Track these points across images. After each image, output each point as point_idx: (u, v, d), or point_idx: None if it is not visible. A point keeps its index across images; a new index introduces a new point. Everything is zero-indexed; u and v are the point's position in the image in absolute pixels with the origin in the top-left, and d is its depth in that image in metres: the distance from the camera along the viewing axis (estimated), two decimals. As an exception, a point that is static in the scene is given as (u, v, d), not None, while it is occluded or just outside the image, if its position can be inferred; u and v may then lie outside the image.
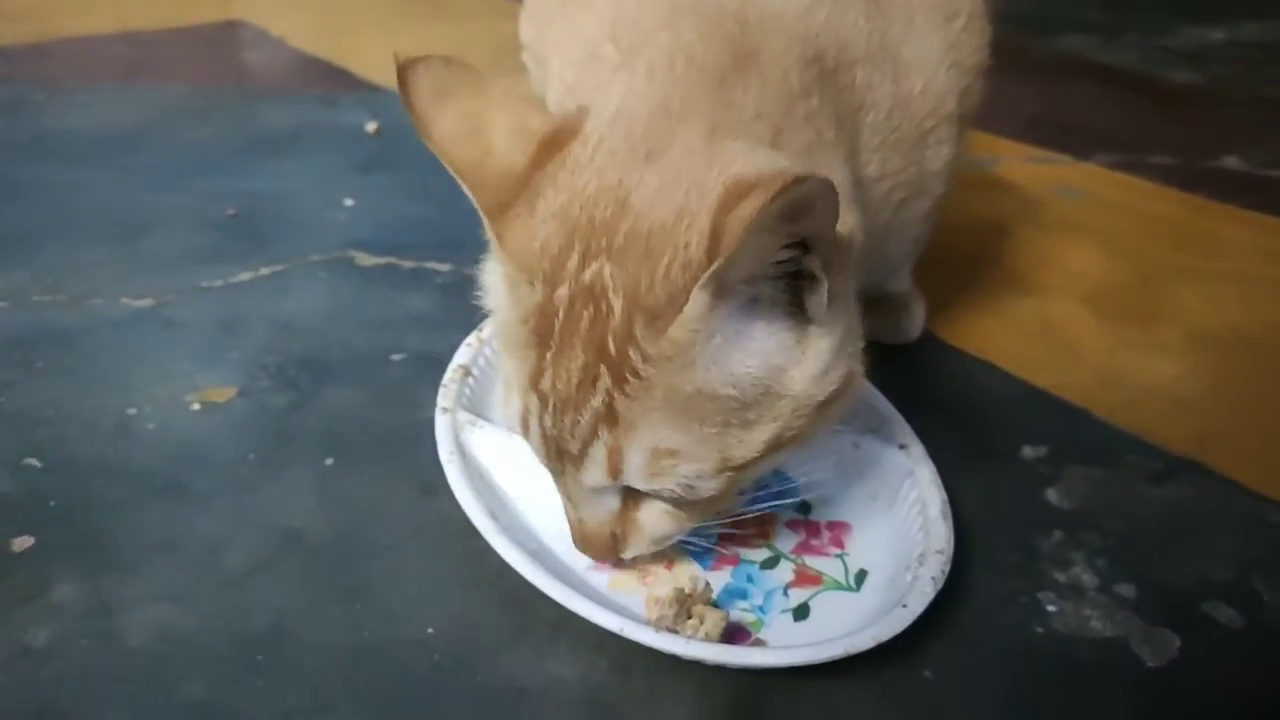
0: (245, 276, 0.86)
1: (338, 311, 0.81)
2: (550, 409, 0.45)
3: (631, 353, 0.42)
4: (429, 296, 0.84)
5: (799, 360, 0.45)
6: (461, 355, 0.68)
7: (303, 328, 0.79)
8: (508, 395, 0.49)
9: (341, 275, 0.87)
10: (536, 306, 0.44)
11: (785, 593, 0.54)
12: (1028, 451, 0.67)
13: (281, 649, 0.50)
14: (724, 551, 0.57)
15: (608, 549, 0.51)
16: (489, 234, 0.46)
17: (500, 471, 0.60)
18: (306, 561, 0.56)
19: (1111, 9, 2.18)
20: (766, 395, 0.44)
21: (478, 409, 0.65)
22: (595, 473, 0.46)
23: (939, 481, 0.58)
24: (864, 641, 0.47)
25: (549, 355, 0.44)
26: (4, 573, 0.54)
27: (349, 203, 1.02)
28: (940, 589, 0.51)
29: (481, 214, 0.45)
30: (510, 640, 0.51)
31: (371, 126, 1.23)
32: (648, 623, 0.50)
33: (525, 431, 0.47)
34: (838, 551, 0.57)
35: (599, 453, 0.45)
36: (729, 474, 0.45)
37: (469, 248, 0.93)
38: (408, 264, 0.89)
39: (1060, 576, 0.57)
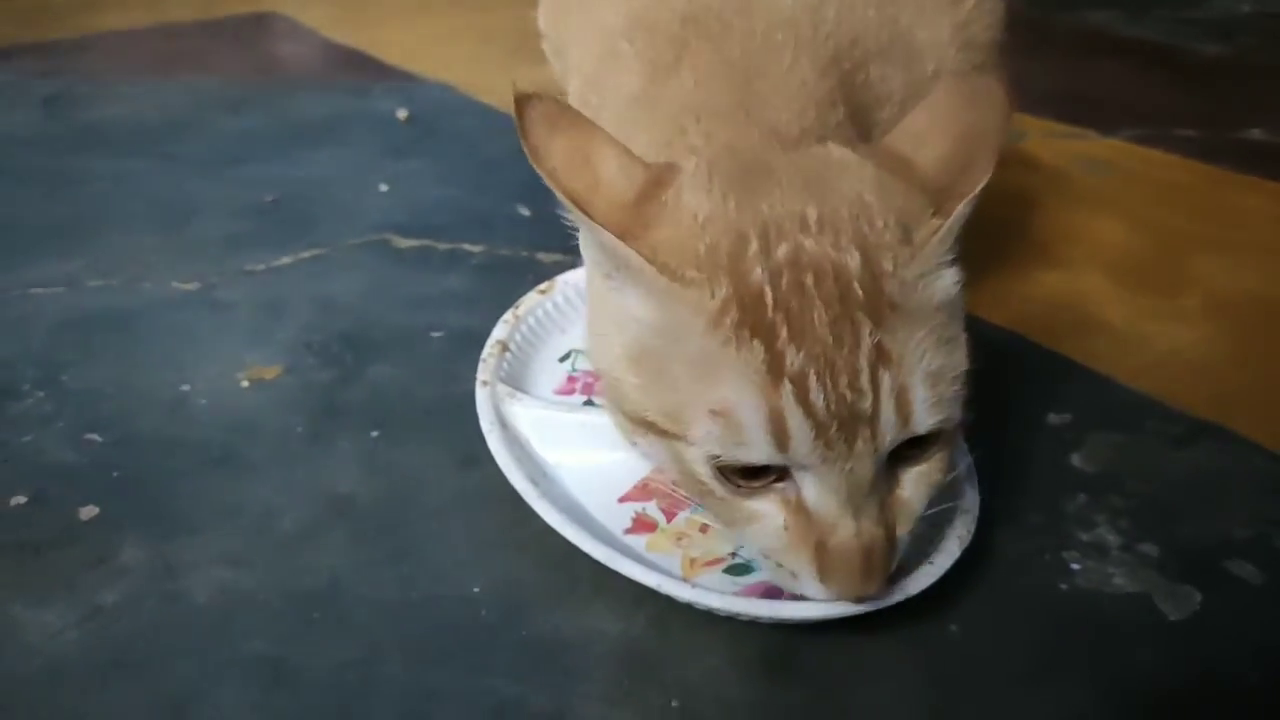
0: (287, 260, 0.89)
1: (377, 292, 0.84)
2: (815, 383, 0.42)
3: (886, 286, 0.43)
4: (464, 276, 0.87)
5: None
6: (499, 331, 0.70)
7: (344, 308, 0.81)
8: (724, 424, 0.43)
9: (379, 257, 0.90)
10: (729, 299, 0.43)
11: (815, 552, 0.56)
12: (1053, 418, 0.69)
13: (335, 606, 0.53)
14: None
15: (886, 564, 0.46)
16: (609, 253, 0.46)
17: (538, 441, 0.62)
18: (356, 526, 0.59)
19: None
20: (957, 314, 0.47)
21: (515, 382, 0.67)
22: (890, 423, 0.43)
23: (965, 446, 0.59)
24: (892, 596, 0.49)
25: (783, 334, 0.42)
26: (73, 539, 0.57)
27: (384, 188, 1.04)
28: (966, 547, 0.53)
29: (602, 233, 0.45)
30: (552, 598, 0.54)
31: (403, 114, 1.25)
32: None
33: (782, 436, 0.42)
34: (866, 513, 0.59)
35: (887, 398, 0.42)
36: (961, 390, 0.45)
37: (500, 229, 0.96)
38: (443, 245, 0.92)
39: (1084, 536, 0.59)
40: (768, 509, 0.46)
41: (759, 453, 0.43)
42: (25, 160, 1.12)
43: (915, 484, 0.47)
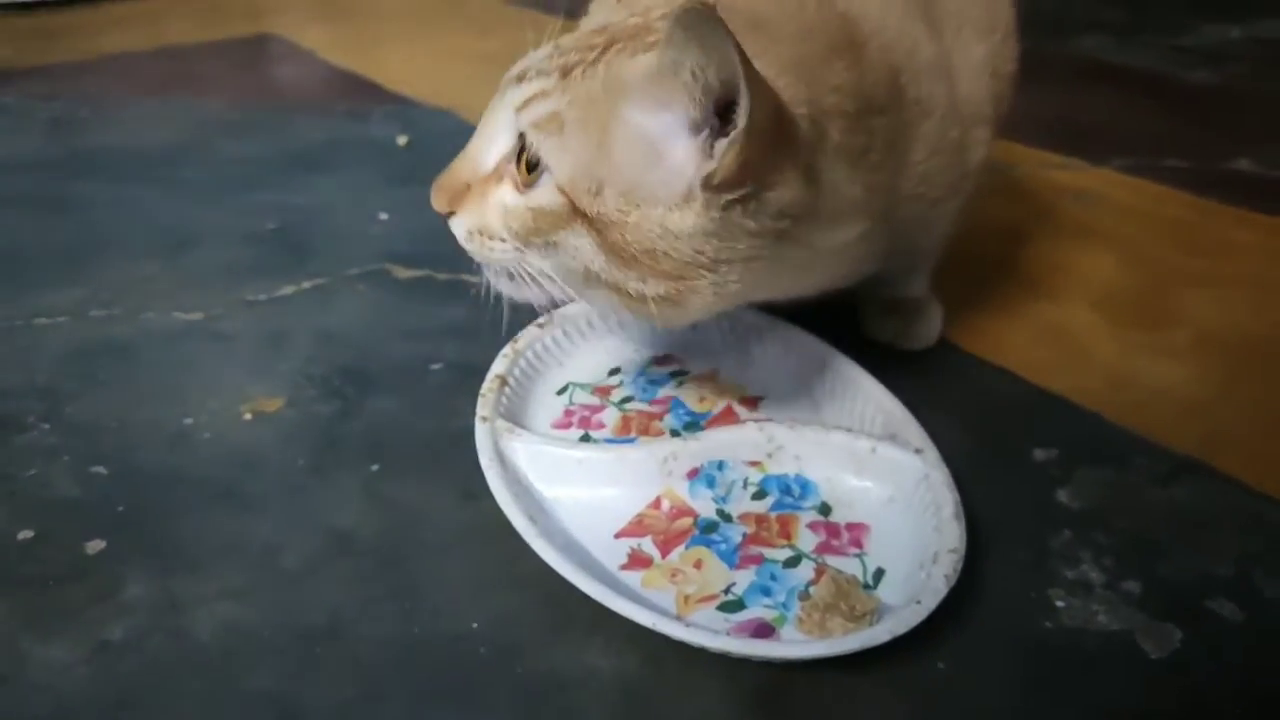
0: (288, 290, 0.90)
1: (377, 323, 0.85)
2: (549, 51, 0.57)
3: (609, 60, 0.54)
4: (463, 308, 0.88)
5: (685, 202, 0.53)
6: (498, 365, 0.72)
7: (345, 340, 0.83)
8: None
9: (380, 288, 0.91)
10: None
11: (807, 590, 0.57)
12: (1039, 454, 0.70)
13: (338, 643, 0.54)
14: (749, 551, 0.60)
15: (453, 195, 0.60)
16: None
17: (536, 476, 0.64)
18: (357, 562, 0.60)
19: (1130, 7, 2.19)
20: (634, 190, 0.53)
21: (514, 416, 0.69)
22: (520, 94, 0.56)
23: (952, 484, 0.61)
24: (880, 635, 0.50)
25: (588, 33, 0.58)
26: (81, 573, 0.58)
27: (384, 216, 1.06)
28: (953, 586, 0.54)
29: None
30: (550, 635, 0.55)
31: (402, 140, 1.27)
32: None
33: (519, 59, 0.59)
34: (856, 551, 0.60)
35: (536, 84, 0.55)
36: (562, 204, 0.54)
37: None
38: (442, 276, 0.93)
39: (1069, 573, 0.60)
40: None
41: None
42: (28, 186, 1.14)
43: (495, 193, 0.59)
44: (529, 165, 0.56)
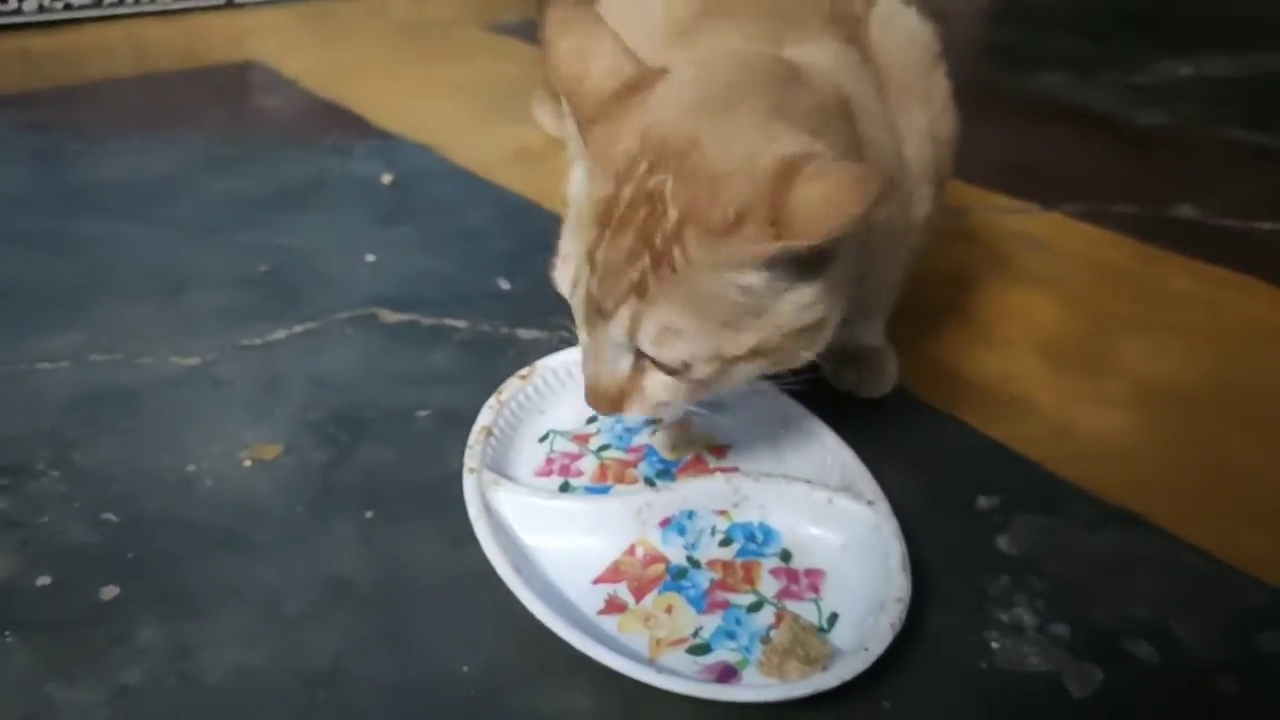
0: (281, 335, 0.95)
1: (367, 369, 0.90)
2: (598, 274, 0.58)
3: (675, 251, 0.56)
4: (449, 353, 0.93)
5: (791, 291, 0.58)
6: (484, 417, 0.77)
7: (337, 386, 0.87)
8: (563, 264, 0.62)
9: (368, 333, 0.96)
10: (606, 196, 0.58)
11: (768, 634, 0.63)
12: (983, 502, 0.76)
13: (339, 686, 0.59)
14: (716, 597, 0.66)
15: (612, 402, 0.63)
16: (578, 138, 0.61)
17: (520, 526, 0.69)
18: (355, 607, 0.65)
19: (1088, 40, 2.28)
20: (760, 310, 0.58)
21: (499, 465, 0.74)
22: (619, 329, 0.58)
23: (900, 534, 0.67)
24: (829, 680, 0.56)
25: (607, 233, 0.58)
26: (97, 619, 0.63)
27: (370, 258, 1.11)
28: (898, 631, 0.60)
29: (577, 120, 0.60)
30: (534, 678, 0.60)
31: (387, 179, 1.31)
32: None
33: (573, 292, 0.61)
34: (813, 596, 0.66)
35: (625, 314, 0.58)
36: (718, 363, 0.59)
37: (481, 304, 1.03)
38: (428, 321, 0.98)
39: (1004, 617, 0.66)
40: (581, 334, 0.64)
41: (564, 292, 0.62)
42: (21, 223, 1.17)
43: (651, 383, 0.62)
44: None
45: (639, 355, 0.61)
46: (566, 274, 0.61)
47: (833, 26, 0.75)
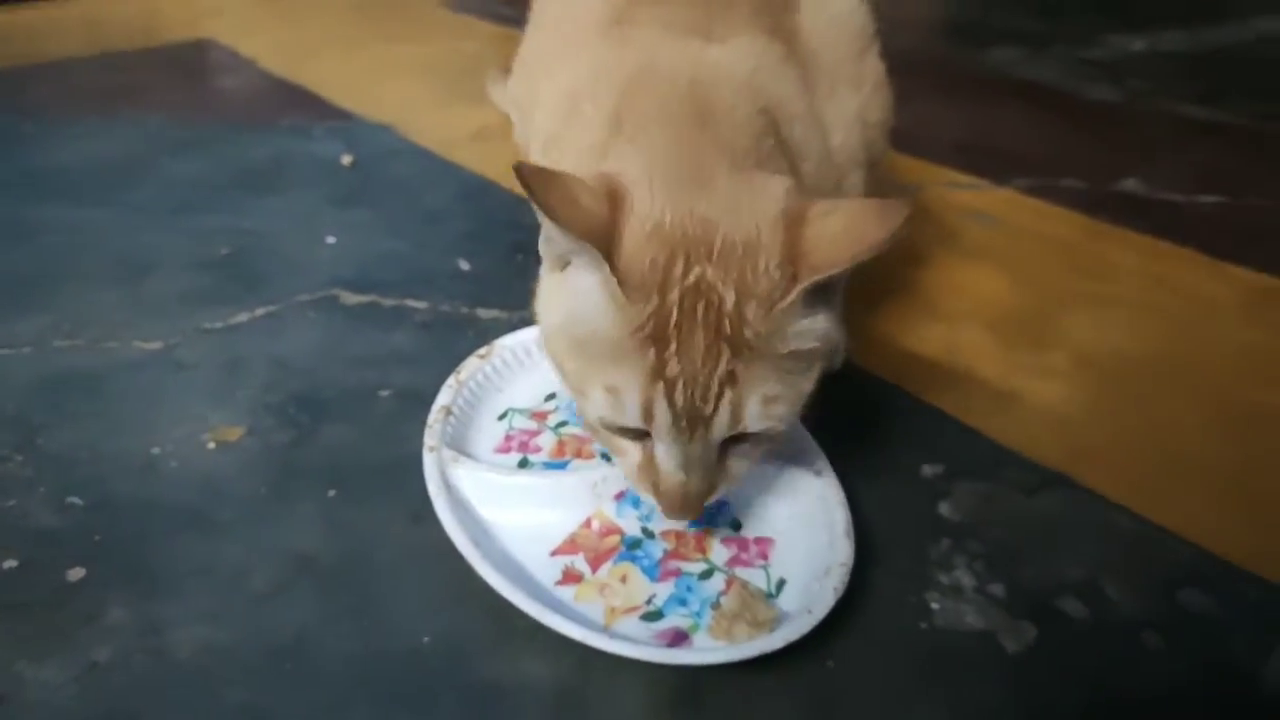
0: (243, 318, 0.96)
1: (328, 350, 0.92)
2: (680, 388, 0.57)
3: (745, 330, 0.56)
4: (409, 334, 0.95)
5: (833, 325, 0.60)
6: (443, 396, 0.79)
7: (298, 368, 0.89)
8: (612, 398, 0.58)
9: (329, 315, 0.98)
10: (650, 312, 0.56)
11: (718, 600, 0.66)
12: (927, 469, 0.79)
13: (305, 658, 0.61)
14: (668, 566, 0.68)
15: (701, 503, 0.62)
16: (602, 269, 0.55)
17: (479, 501, 0.71)
18: (319, 583, 0.67)
19: (1042, 15, 2.31)
20: (821, 348, 0.60)
21: (458, 443, 0.76)
22: (722, 425, 0.58)
23: (845, 502, 0.70)
24: (775, 642, 0.59)
25: (671, 348, 0.56)
26: (65, 600, 0.65)
27: (330, 240, 1.12)
28: (842, 595, 0.63)
29: (599, 255, 0.55)
30: (492, 647, 0.63)
31: (347, 159, 1.32)
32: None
33: (649, 418, 0.58)
34: (762, 563, 0.69)
35: (725, 410, 0.57)
36: (798, 407, 0.61)
37: (441, 284, 1.04)
38: (388, 302, 1.00)
39: (944, 579, 0.69)
40: (631, 449, 0.63)
41: (631, 423, 0.59)
42: (-19, 207, 1.17)
43: (739, 460, 0.63)
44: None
45: (724, 443, 0.61)
46: (624, 406, 0.58)
47: (759, 17, 0.75)
